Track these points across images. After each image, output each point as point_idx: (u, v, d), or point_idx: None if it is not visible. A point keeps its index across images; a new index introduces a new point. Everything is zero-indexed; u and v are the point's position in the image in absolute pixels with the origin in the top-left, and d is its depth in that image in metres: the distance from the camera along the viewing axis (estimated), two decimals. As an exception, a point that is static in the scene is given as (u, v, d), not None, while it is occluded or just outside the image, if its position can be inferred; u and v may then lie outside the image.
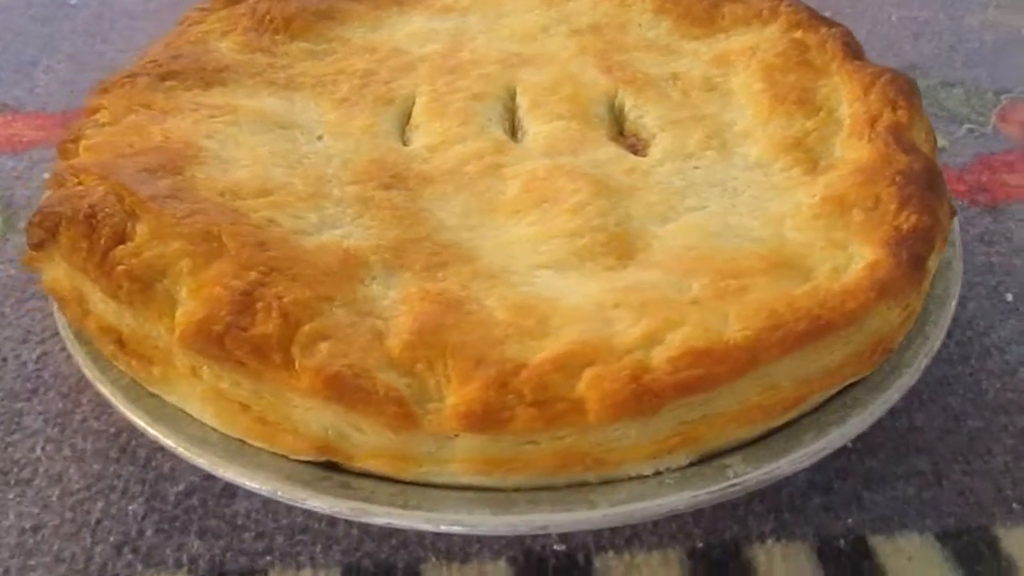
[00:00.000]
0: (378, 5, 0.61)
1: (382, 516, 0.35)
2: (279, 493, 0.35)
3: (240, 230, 0.39)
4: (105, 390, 0.39)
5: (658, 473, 0.36)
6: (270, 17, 0.58)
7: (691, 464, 0.36)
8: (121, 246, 0.38)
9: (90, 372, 0.40)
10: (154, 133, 0.46)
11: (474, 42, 0.58)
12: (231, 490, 0.41)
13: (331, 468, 0.36)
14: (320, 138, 0.50)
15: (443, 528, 0.35)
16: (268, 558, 0.39)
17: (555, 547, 0.39)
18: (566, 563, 0.39)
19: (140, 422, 0.37)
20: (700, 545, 0.40)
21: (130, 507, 0.40)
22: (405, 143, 0.50)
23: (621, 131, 0.52)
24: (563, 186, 0.45)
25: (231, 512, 0.40)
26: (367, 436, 0.35)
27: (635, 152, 0.50)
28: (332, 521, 0.39)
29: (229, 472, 0.36)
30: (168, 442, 0.37)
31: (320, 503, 0.35)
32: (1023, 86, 0.72)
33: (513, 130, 0.52)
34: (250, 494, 0.39)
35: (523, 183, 0.46)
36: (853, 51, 0.55)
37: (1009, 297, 0.54)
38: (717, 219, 0.44)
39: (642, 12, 0.60)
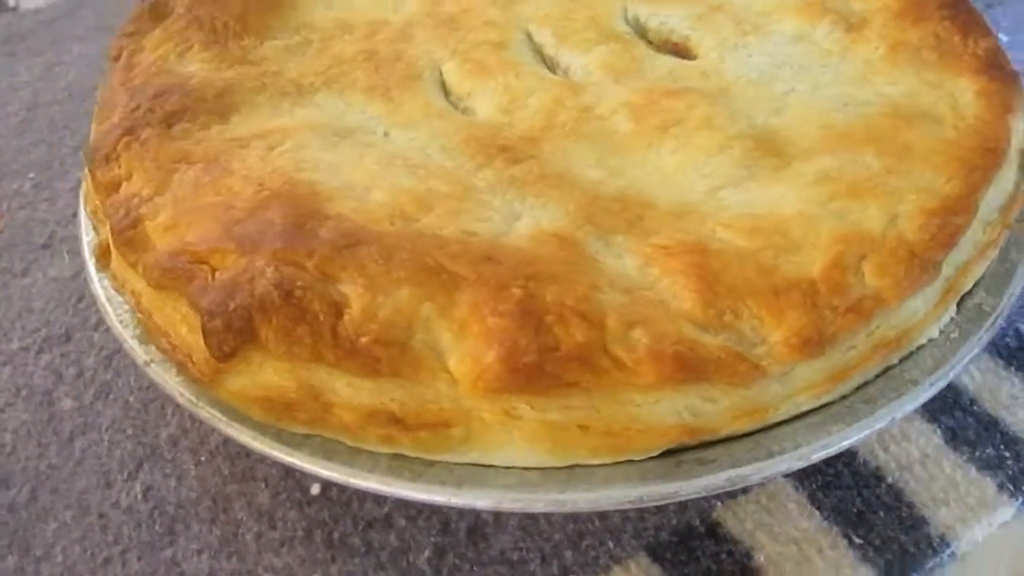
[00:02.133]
0: (308, -21, 0.54)
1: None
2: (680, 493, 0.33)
3: (455, 252, 0.35)
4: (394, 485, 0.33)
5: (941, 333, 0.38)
6: (222, 22, 0.49)
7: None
8: (344, 317, 0.33)
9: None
10: (237, 185, 0.38)
11: (444, -8, 0.53)
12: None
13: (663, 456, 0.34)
14: (387, 134, 0.44)
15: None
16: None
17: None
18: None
19: (481, 502, 0.33)
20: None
21: None
22: (464, 111, 0.46)
23: (650, 43, 0.51)
24: (671, 106, 0.44)
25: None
26: (720, 403, 0.33)
27: (686, 57, 0.49)
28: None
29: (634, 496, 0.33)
30: (540, 504, 0.33)
31: (701, 484, 0.33)
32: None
33: (552, 67, 0.49)
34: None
35: (629, 116, 0.44)
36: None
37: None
38: (818, 97, 0.45)
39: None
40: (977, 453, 0.42)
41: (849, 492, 0.41)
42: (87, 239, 0.44)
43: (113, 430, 0.45)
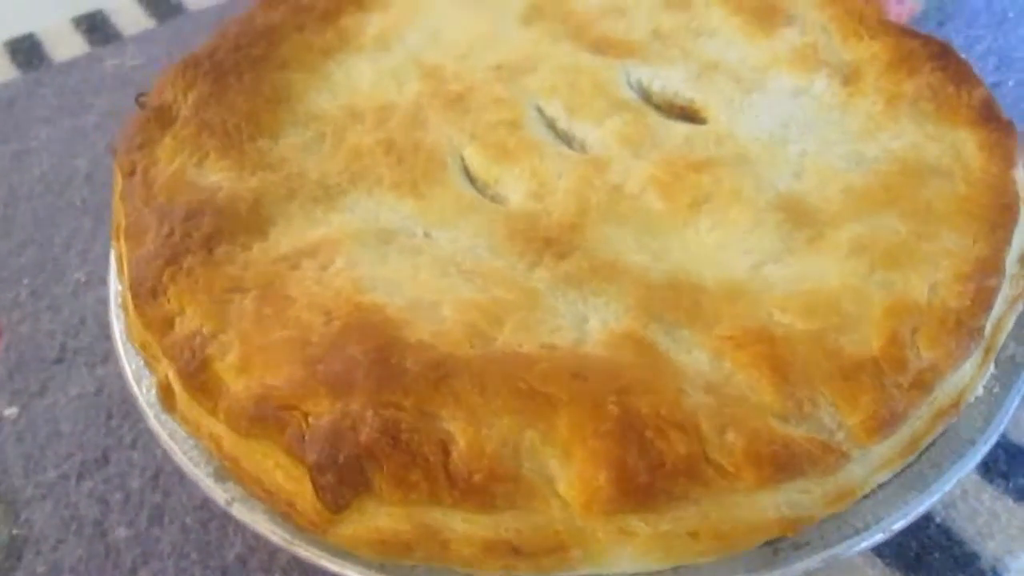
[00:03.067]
0: (304, 64, 0.54)
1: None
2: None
3: (544, 372, 0.36)
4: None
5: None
6: (233, 124, 0.49)
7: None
8: (452, 455, 0.33)
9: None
10: (304, 315, 0.38)
11: (445, 68, 0.54)
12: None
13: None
14: (427, 235, 0.44)
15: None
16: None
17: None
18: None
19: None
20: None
21: None
22: (494, 199, 0.47)
23: (656, 107, 0.53)
24: (698, 181, 0.46)
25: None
26: (814, 492, 0.35)
27: (694, 123, 0.51)
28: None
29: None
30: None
31: (800, 568, 0.35)
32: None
33: (567, 140, 0.50)
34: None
35: (659, 193, 0.46)
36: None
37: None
38: (830, 155, 0.48)
39: (565, -22, 0.59)
40: (1011, 484, 0.45)
41: (905, 537, 0.43)
42: (118, 328, 0.44)
43: (177, 556, 0.45)
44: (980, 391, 0.40)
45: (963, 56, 0.51)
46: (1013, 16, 0.74)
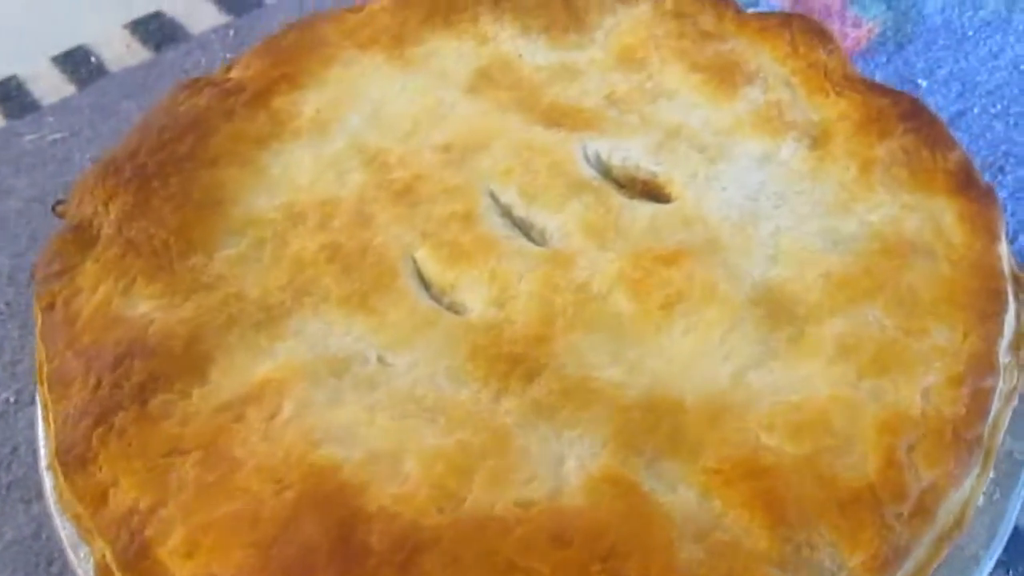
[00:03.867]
0: (236, 158, 0.49)
1: None
2: None
3: (521, 539, 0.33)
4: None
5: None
6: (161, 241, 0.44)
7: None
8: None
9: None
10: (252, 484, 0.35)
11: (390, 152, 0.50)
12: None
13: None
14: (382, 360, 0.41)
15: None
16: None
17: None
18: None
19: None
20: None
21: None
22: (451, 307, 0.44)
23: (617, 182, 0.49)
24: (668, 276, 0.43)
25: None
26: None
27: (658, 200, 0.48)
28: None
29: None
30: None
31: None
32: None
33: (525, 229, 0.47)
34: None
35: (628, 293, 0.43)
36: (723, 1, 0.56)
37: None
38: (805, 233, 0.45)
39: (511, 39, 0.55)
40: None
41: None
42: (49, 485, 0.40)
43: None
44: (981, 500, 0.38)
45: (934, 113, 0.49)
46: (972, 34, 0.71)
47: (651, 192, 0.49)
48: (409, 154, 0.50)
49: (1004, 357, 0.40)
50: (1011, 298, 0.42)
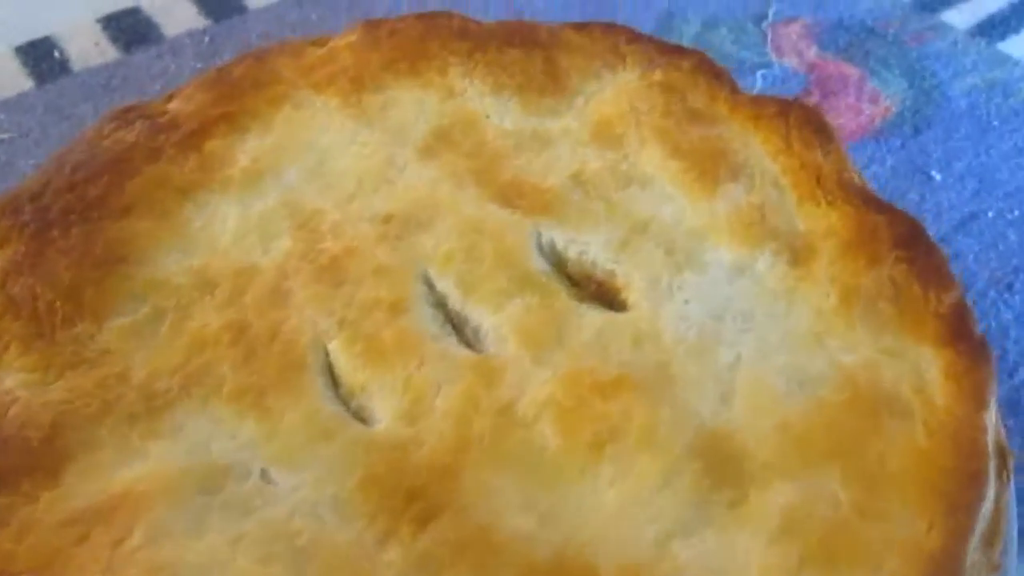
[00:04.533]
0: (154, 208, 0.45)
1: None
2: None
3: None
4: None
5: None
6: (46, 303, 0.40)
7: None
8: None
9: None
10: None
11: (324, 217, 0.45)
12: None
13: None
14: (266, 476, 0.36)
15: None
16: None
17: None
18: None
19: None
20: None
21: None
22: (357, 413, 0.39)
23: (570, 278, 0.44)
24: (604, 412, 0.38)
25: None
26: None
27: (612, 306, 0.43)
28: None
29: None
30: None
31: None
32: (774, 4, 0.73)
33: (458, 325, 0.42)
34: None
35: (556, 424, 0.38)
36: (719, 77, 0.51)
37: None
38: (767, 368, 0.40)
39: (480, 96, 0.50)
40: None
41: None
42: None
43: None
44: None
45: (933, 241, 0.43)
46: (998, 125, 0.65)
47: (605, 295, 0.43)
48: (345, 222, 0.45)
49: (973, 555, 0.35)
50: (991, 479, 0.36)
